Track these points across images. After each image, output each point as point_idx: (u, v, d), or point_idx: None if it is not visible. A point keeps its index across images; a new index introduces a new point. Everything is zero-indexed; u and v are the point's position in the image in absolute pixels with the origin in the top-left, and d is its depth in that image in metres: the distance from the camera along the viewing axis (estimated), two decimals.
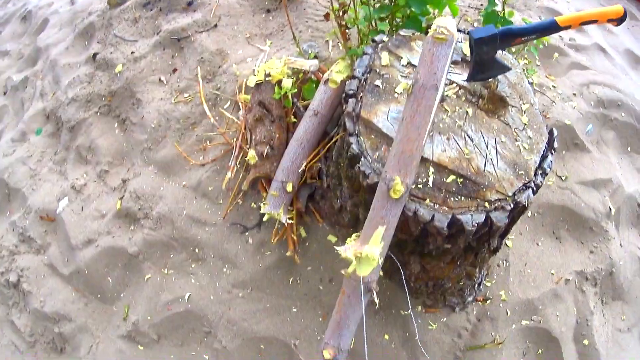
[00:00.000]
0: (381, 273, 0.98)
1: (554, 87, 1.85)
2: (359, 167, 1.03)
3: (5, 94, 2.68)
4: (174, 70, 1.72)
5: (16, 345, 1.90)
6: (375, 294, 0.95)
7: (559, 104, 1.74)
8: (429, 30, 1.26)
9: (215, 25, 1.78)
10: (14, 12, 3.68)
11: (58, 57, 2.36)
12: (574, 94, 1.83)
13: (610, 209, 1.61)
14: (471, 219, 0.98)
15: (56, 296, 1.76)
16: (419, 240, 1.13)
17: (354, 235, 0.97)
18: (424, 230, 1.05)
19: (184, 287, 1.40)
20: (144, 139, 1.61)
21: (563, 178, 1.59)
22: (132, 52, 1.89)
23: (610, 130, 1.83)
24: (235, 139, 1.40)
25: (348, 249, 0.93)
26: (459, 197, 1.00)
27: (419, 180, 0.99)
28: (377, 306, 1.00)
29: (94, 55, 2.07)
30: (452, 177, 1.01)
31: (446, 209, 0.99)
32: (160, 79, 1.72)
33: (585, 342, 1.49)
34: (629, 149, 1.87)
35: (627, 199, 1.70)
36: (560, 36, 2.13)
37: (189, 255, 1.41)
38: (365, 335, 0.92)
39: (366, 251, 0.90)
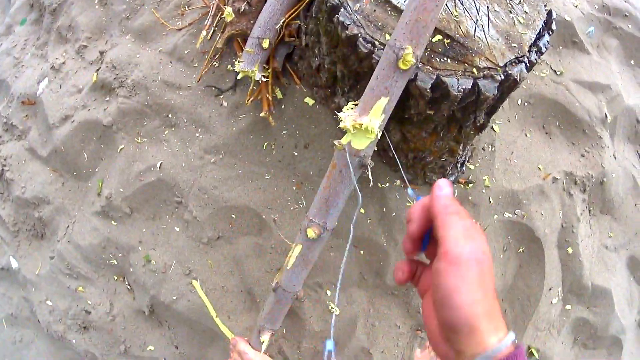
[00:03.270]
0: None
1: None
2: (337, 18, 0.94)
3: None
4: None
5: (2, 238, 1.89)
6: (369, 170, 0.87)
7: None
8: None
9: None
10: None
11: None
12: None
13: (607, 116, 1.49)
14: (457, 83, 0.90)
15: (35, 179, 1.73)
16: (400, 103, 1.06)
17: (351, 103, 0.89)
18: (405, 91, 0.97)
19: (156, 155, 1.34)
20: (122, 10, 1.52)
21: (558, 73, 1.46)
22: None
23: (614, 39, 1.67)
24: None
25: (347, 117, 0.85)
26: (445, 59, 0.92)
27: None
28: (371, 183, 0.92)
29: None
30: (438, 36, 0.92)
31: (430, 69, 0.90)
32: None
33: (569, 250, 1.41)
34: (632, 62, 1.72)
35: (625, 110, 1.57)
36: None
37: (162, 121, 1.34)
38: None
39: (366, 123, 0.82)
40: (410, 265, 0.55)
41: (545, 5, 1.03)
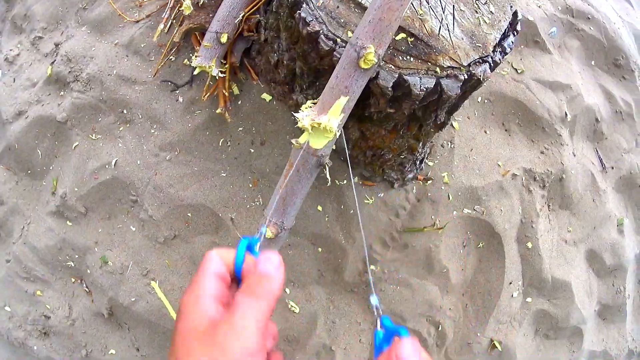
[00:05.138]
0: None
1: None
2: (299, 14, 0.92)
3: None
4: None
5: None
6: (327, 170, 0.86)
7: None
8: None
9: None
10: None
11: None
12: None
13: (566, 115, 1.51)
14: (420, 82, 0.89)
15: None
16: (360, 102, 1.05)
17: (309, 102, 0.87)
18: (366, 89, 0.96)
19: (110, 152, 1.30)
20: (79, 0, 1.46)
21: (519, 71, 1.48)
22: None
23: (576, 40, 1.70)
24: None
25: (305, 117, 0.83)
26: (408, 57, 0.91)
27: None
28: (329, 183, 0.91)
29: None
30: (402, 34, 0.91)
31: (392, 67, 0.89)
32: None
33: (529, 244, 1.44)
34: (593, 62, 1.75)
35: (585, 109, 1.60)
36: None
37: (117, 117, 1.30)
38: None
39: (324, 122, 0.80)
40: None
41: (512, 6, 1.03)
